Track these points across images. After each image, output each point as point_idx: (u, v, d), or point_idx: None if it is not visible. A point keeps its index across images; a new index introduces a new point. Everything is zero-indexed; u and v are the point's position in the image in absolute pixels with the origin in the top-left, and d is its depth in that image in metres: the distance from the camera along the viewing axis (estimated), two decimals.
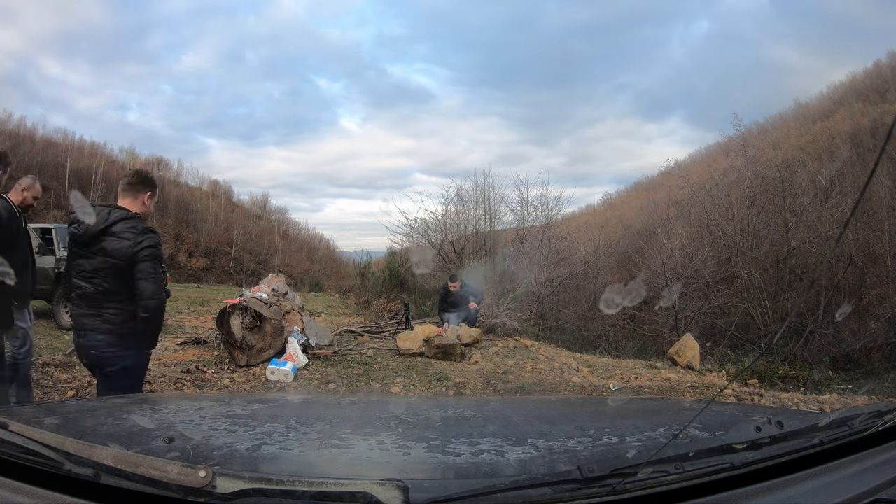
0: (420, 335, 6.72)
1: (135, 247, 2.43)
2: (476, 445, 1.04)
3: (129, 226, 2.47)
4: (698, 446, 0.88)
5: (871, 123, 28.97)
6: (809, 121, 35.29)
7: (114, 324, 2.47)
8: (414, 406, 1.81)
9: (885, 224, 12.51)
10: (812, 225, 13.19)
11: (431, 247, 14.87)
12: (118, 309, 2.47)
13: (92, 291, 2.47)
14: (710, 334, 12.32)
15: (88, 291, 2.48)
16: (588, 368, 6.65)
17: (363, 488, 0.68)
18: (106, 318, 2.47)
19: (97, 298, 2.47)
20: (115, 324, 2.47)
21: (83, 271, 2.50)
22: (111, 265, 2.44)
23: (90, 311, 2.48)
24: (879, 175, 12.27)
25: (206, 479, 0.68)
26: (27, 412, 1.47)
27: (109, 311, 2.47)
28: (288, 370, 5.15)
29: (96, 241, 2.44)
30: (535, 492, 0.74)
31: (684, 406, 2.00)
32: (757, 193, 14.14)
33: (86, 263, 2.49)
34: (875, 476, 0.83)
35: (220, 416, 1.34)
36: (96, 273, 2.46)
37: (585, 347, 10.42)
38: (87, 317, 2.49)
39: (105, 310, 2.47)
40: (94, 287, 2.47)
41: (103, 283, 2.46)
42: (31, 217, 4.16)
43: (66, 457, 0.73)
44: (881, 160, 12.32)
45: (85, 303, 2.49)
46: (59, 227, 9.12)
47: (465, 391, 5.19)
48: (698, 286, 13.52)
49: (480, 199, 16.72)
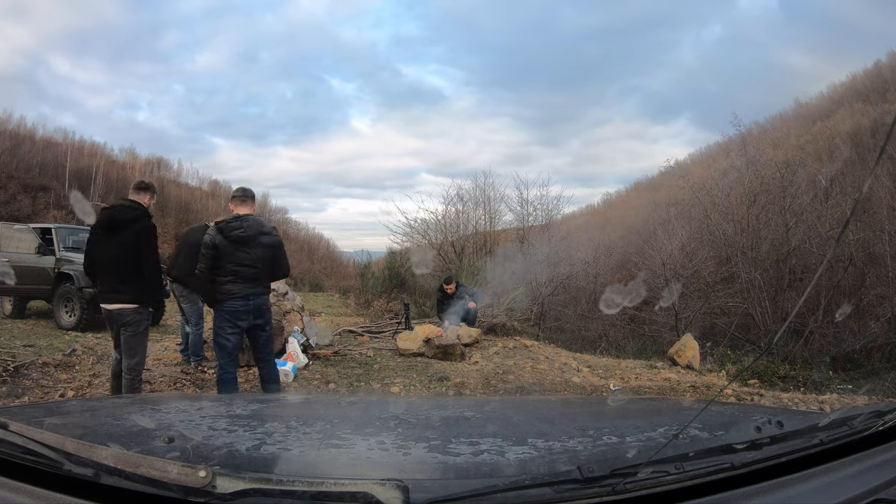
0: (420, 335, 6.71)
1: (279, 241, 3.90)
2: (476, 445, 1.04)
3: (272, 227, 3.90)
4: (698, 446, 0.88)
5: (871, 123, 28.96)
6: (809, 121, 35.26)
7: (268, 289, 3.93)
8: (414, 406, 1.82)
9: (885, 224, 12.50)
10: (812, 225, 13.19)
11: (431, 247, 14.88)
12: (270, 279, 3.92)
13: (255, 273, 3.68)
14: (710, 334, 12.31)
15: (252, 273, 3.67)
16: (588, 368, 6.65)
17: (363, 488, 0.68)
18: (266, 287, 3.85)
19: (258, 276, 3.72)
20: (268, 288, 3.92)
21: (245, 261, 3.66)
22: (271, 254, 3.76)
23: (254, 284, 3.71)
24: (879, 175, 12.27)
25: (206, 479, 0.68)
26: (27, 412, 1.47)
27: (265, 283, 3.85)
28: (288, 370, 5.15)
29: (255, 239, 3.68)
30: (535, 492, 0.74)
31: (684, 406, 2.00)
32: (757, 193, 14.13)
33: (246, 256, 3.65)
34: (875, 476, 0.83)
35: (220, 416, 1.34)
36: (261, 259, 3.70)
37: (585, 347, 10.43)
38: (252, 287, 3.70)
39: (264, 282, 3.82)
40: (257, 268, 3.70)
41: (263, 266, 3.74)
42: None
43: (66, 457, 0.73)
44: (881, 160, 12.32)
45: (245, 280, 3.66)
46: (59, 228, 9.12)
47: (465, 391, 5.19)
48: (698, 286, 13.52)
49: (480, 199, 16.74)
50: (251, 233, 3.65)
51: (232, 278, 3.62)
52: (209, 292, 3.75)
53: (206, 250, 3.65)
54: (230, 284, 3.63)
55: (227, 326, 3.68)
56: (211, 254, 3.62)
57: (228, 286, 3.63)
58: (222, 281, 3.63)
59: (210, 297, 3.77)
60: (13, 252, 8.72)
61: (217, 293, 3.66)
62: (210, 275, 3.66)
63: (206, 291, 3.84)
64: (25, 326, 8.16)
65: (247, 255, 3.63)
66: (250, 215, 3.73)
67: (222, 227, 3.63)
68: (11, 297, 9.17)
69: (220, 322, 3.71)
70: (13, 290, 8.86)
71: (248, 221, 3.67)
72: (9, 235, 9.02)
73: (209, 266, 3.64)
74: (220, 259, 3.61)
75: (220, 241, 3.61)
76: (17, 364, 4.99)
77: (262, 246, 3.68)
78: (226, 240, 3.61)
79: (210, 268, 3.64)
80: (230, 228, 3.62)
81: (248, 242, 3.63)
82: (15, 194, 35.73)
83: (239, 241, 3.62)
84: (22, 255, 8.63)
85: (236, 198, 3.84)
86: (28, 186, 37.16)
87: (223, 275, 3.63)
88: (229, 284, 3.63)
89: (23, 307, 9.22)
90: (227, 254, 3.60)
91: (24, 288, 8.62)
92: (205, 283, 3.72)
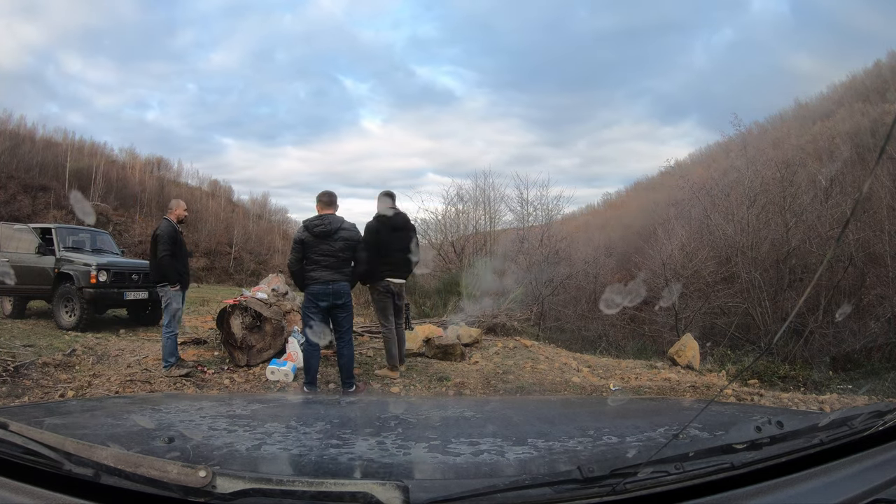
0: (420, 335, 6.71)
1: (358, 236, 4.56)
2: (476, 445, 1.04)
3: (351, 224, 4.56)
4: (698, 446, 0.88)
5: (871, 123, 28.96)
6: (809, 121, 35.25)
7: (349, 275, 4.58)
8: (414, 406, 1.82)
9: (885, 224, 12.50)
10: (812, 225, 13.19)
11: (431, 247, 14.88)
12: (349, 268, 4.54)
13: (335, 261, 4.39)
14: (710, 334, 12.31)
15: (333, 262, 4.39)
16: (588, 368, 6.64)
17: (363, 488, 0.68)
18: (346, 273, 4.51)
19: (340, 264, 4.43)
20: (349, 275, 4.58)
21: (326, 252, 4.38)
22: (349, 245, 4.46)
23: (336, 270, 4.42)
24: (879, 175, 12.27)
25: (206, 479, 0.68)
26: (27, 412, 1.47)
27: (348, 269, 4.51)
28: (288, 370, 5.15)
29: (336, 233, 4.39)
30: (535, 492, 0.74)
31: (684, 406, 2.00)
32: (757, 193, 14.13)
33: (327, 247, 4.37)
34: (875, 476, 0.83)
35: (220, 416, 1.34)
36: (340, 250, 4.41)
37: (585, 347, 10.42)
38: (335, 273, 4.42)
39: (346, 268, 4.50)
40: (338, 258, 4.40)
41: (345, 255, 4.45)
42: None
43: (66, 457, 0.73)
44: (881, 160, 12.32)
45: (329, 268, 4.39)
46: (59, 228, 9.12)
47: (465, 391, 5.18)
48: (698, 286, 13.52)
49: (480, 198, 16.75)
50: (331, 228, 4.40)
51: (315, 267, 4.39)
52: (300, 279, 4.49)
53: (296, 244, 4.48)
54: (314, 272, 4.39)
55: (311, 307, 4.42)
56: (298, 247, 4.43)
57: (312, 273, 4.40)
58: (308, 269, 4.41)
59: (300, 282, 4.53)
60: (13, 252, 8.72)
61: (305, 279, 4.43)
62: (299, 265, 4.43)
63: (296, 279, 4.60)
64: (25, 326, 8.16)
65: (329, 248, 4.39)
66: (331, 214, 4.49)
67: (307, 225, 4.45)
68: (11, 297, 9.17)
69: (306, 303, 4.48)
70: (13, 290, 8.86)
71: (328, 219, 4.44)
72: (9, 235, 9.02)
73: (299, 258, 4.43)
74: (307, 251, 4.40)
75: (306, 237, 4.40)
76: (17, 364, 4.99)
77: (342, 240, 4.43)
78: (311, 235, 4.39)
79: (298, 259, 4.44)
80: (313, 225, 4.42)
81: (329, 237, 4.38)
82: (15, 194, 35.74)
83: (320, 235, 4.39)
84: (22, 255, 8.63)
85: (321, 201, 4.58)
86: (28, 186, 37.17)
87: (309, 264, 4.41)
88: (313, 272, 4.39)
89: (23, 307, 9.22)
90: (311, 246, 4.39)
91: (24, 288, 8.63)
92: (296, 272, 4.49)
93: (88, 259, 8.28)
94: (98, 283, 7.91)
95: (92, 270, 7.92)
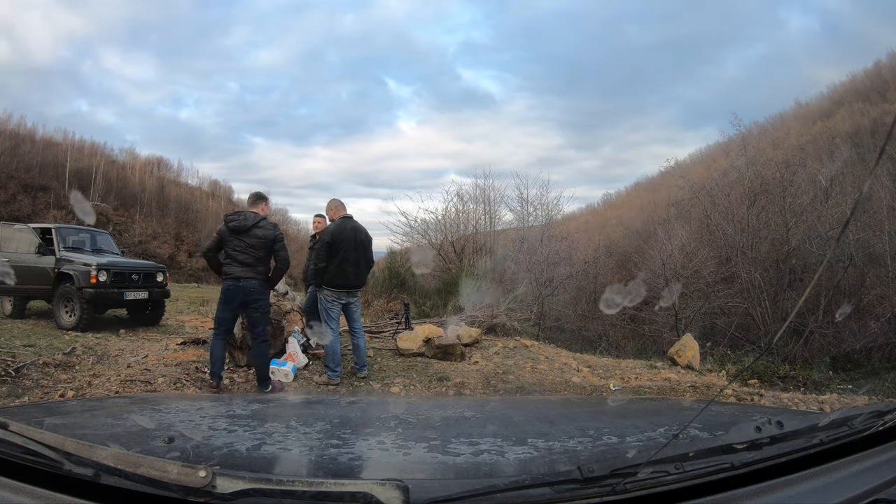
0: (420, 335, 6.71)
1: (273, 235, 4.46)
2: (476, 445, 1.04)
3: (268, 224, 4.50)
4: (698, 446, 0.88)
5: (871, 123, 28.97)
6: (809, 121, 35.26)
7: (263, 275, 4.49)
8: (414, 406, 1.82)
9: (885, 224, 12.49)
10: (812, 225, 13.17)
11: (431, 247, 14.88)
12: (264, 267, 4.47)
13: (248, 258, 4.34)
14: (710, 334, 12.30)
15: (245, 258, 4.33)
16: (588, 368, 6.64)
17: (363, 488, 0.68)
18: (260, 272, 4.44)
19: (253, 262, 4.36)
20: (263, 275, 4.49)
21: (238, 248, 4.34)
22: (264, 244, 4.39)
23: (250, 268, 4.36)
24: (879, 175, 12.26)
25: (206, 479, 0.68)
26: (27, 412, 1.47)
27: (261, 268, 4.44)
28: (288, 370, 5.15)
29: (250, 230, 4.34)
30: (535, 492, 0.74)
31: (684, 406, 2.00)
32: (757, 193, 14.12)
33: (240, 243, 4.33)
34: (875, 476, 0.83)
35: (220, 416, 1.34)
36: (253, 247, 4.35)
37: (585, 347, 10.41)
38: (248, 270, 4.36)
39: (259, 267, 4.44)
40: (250, 255, 4.35)
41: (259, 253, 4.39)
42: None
43: (66, 457, 0.73)
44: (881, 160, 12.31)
45: (242, 264, 4.34)
46: (59, 228, 9.12)
47: (465, 391, 5.18)
48: (698, 286, 13.52)
49: (480, 198, 16.74)
50: (246, 225, 4.38)
51: (229, 262, 4.41)
52: (216, 269, 4.57)
53: (215, 235, 4.50)
54: (227, 267, 4.41)
55: (222, 303, 4.52)
56: (217, 238, 4.46)
57: (226, 268, 4.42)
58: (224, 264, 4.43)
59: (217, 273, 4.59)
60: (13, 252, 8.72)
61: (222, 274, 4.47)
62: (213, 254, 4.49)
63: (212, 268, 4.68)
64: (25, 326, 8.15)
65: (241, 244, 4.38)
66: (251, 212, 4.50)
67: (225, 217, 4.49)
68: (11, 297, 9.17)
69: (220, 298, 4.55)
70: (13, 290, 8.86)
71: (245, 215, 4.44)
72: (9, 235, 9.02)
73: (213, 248, 4.48)
74: (224, 245, 4.42)
75: (223, 229, 4.42)
76: (18, 364, 4.99)
77: (256, 237, 4.40)
78: (227, 228, 4.39)
79: (212, 249, 4.49)
80: (229, 220, 4.44)
81: (243, 232, 4.37)
82: (15, 194, 35.74)
83: (234, 230, 4.38)
84: (22, 255, 8.63)
85: (249, 199, 4.72)
86: (28, 186, 37.17)
87: (225, 258, 4.44)
88: (227, 267, 4.42)
89: (23, 307, 9.22)
90: (227, 241, 4.40)
91: (24, 288, 8.62)
92: (210, 259, 4.57)
93: (88, 259, 8.28)
94: (98, 283, 7.91)
95: (92, 270, 7.93)
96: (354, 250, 5.06)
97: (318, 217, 6.55)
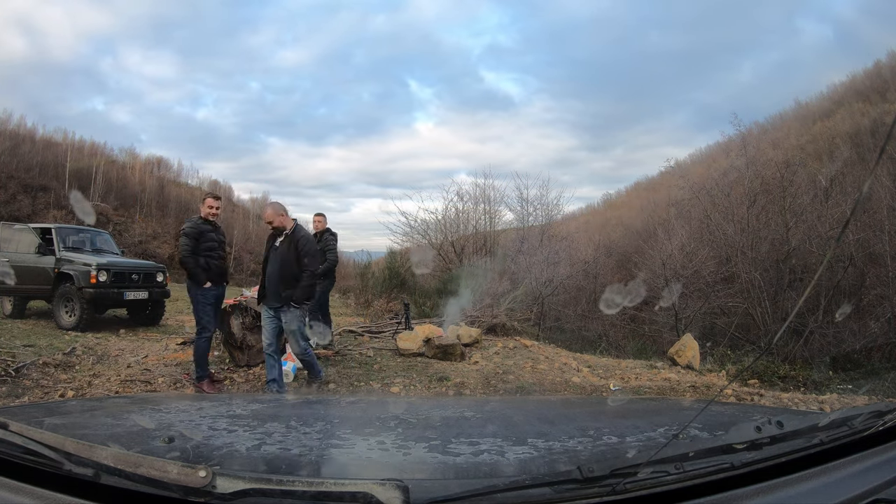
0: (420, 335, 6.71)
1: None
2: (476, 445, 1.04)
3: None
4: (698, 446, 0.88)
5: (871, 123, 28.95)
6: (809, 121, 35.25)
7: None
8: (414, 406, 1.82)
9: (885, 224, 12.48)
10: (812, 225, 13.17)
11: (431, 247, 14.88)
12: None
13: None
14: (710, 334, 12.31)
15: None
16: (588, 368, 6.64)
17: (363, 488, 0.68)
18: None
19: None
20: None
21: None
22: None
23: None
24: (879, 175, 12.25)
25: (206, 479, 0.68)
26: (27, 412, 1.47)
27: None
28: (288, 370, 5.14)
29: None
30: (535, 492, 0.74)
31: (684, 406, 2.00)
32: (757, 193, 14.13)
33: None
34: (875, 476, 0.83)
35: (220, 416, 1.34)
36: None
37: (585, 347, 10.41)
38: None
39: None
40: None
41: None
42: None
43: (66, 457, 0.73)
44: (881, 160, 12.32)
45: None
46: (59, 228, 9.12)
47: (465, 391, 5.18)
48: (698, 286, 13.51)
49: (480, 198, 16.74)
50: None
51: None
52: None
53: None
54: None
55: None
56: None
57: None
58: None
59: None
60: (13, 252, 8.72)
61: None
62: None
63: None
64: (25, 326, 8.16)
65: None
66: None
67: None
68: (11, 297, 9.17)
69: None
70: (13, 290, 8.86)
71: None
72: (9, 235, 9.02)
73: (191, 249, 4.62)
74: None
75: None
76: (18, 364, 4.99)
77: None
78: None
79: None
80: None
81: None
82: (15, 194, 35.72)
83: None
84: (22, 255, 8.63)
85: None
86: (28, 186, 37.14)
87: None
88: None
89: (23, 307, 9.22)
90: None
91: (24, 288, 8.63)
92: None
93: (88, 259, 8.28)
94: (98, 283, 7.91)
95: (92, 270, 7.93)
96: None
97: (318, 216, 6.57)
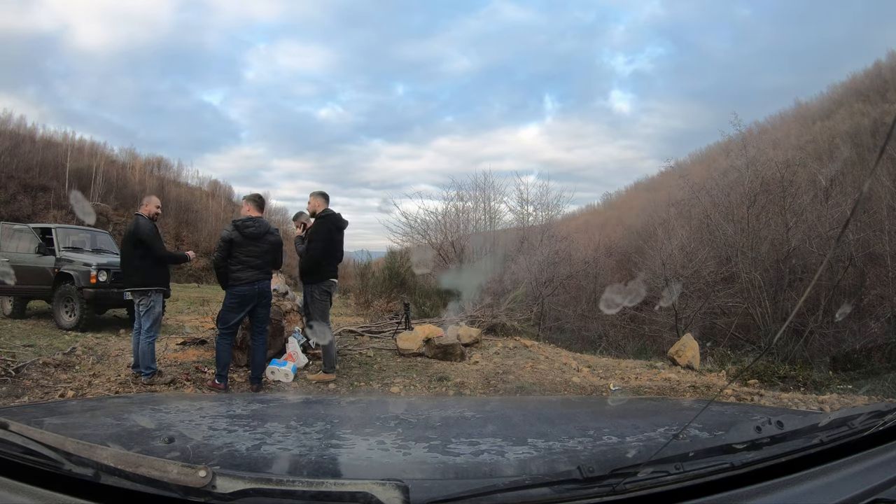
0: (420, 335, 6.71)
1: (280, 240, 4.91)
2: (476, 445, 1.04)
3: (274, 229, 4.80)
4: (698, 446, 0.88)
5: (871, 123, 28.97)
6: (809, 121, 35.26)
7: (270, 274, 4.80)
8: (414, 406, 1.82)
9: (885, 224, 12.50)
10: (812, 225, 13.17)
11: (431, 247, 14.88)
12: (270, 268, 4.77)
13: (262, 262, 4.59)
14: (710, 334, 12.31)
15: (259, 263, 4.57)
16: (588, 368, 6.64)
17: (363, 488, 0.68)
18: (269, 273, 4.73)
19: (264, 265, 4.64)
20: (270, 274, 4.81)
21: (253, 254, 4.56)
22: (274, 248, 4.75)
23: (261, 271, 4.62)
24: (879, 175, 12.26)
25: (206, 479, 0.68)
26: (27, 412, 1.47)
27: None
28: (288, 370, 5.15)
29: (264, 237, 4.63)
30: (535, 492, 0.74)
31: (684, 406, 2.00)
32: (757, 193, 14.12)
33: (255, 249, 4.56)
34: (875, 476, 0.83)
35: (220, 416, 1.34)
36: (266, 252, 4.64)
37: (585, 347, 10.42)
38: (260, 273, 4.61)
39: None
40: (264, 259, 4.62)
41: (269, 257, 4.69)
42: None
43: (66, 457, 0.72)
44: (881, 160, 12.31)
45: (255, 268, 4.55)
46: (59, 228, 9.12)
47: (465, 391, 5.18)
48: (698, 286, 13.52)
49: (480, 199, 16.75)
50: (260, 231, 4.59)
51: (241, 267, 4.52)
52: (224, 277, 4.58)
53: (224, 243, 4.53)
54: (240, 272, 4.51)
55: (235, 306, 4.54)
56: (226, 246, 4.50)
57: (238, 274, 4.51)
58: (234, 269, 4.51)
59: (224, 280, 4.59)
60: (13, 252, 8.72)
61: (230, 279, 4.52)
62: (225, 263, 4.50)
63: (221, 276, 4.65)
64: (25, 326, 8.15)
65: (257, 249, 4.56)
66: (260, 217, 4.70)
67: (238, 226, 4.54)
68: (11, 297, 9.16)
69: (231, 302, 4.56)
70: (13, 290, 8.86)
71: (259, 222, 4.64)
72: (9, 235, 9.02)
73: (225, 256, 4.50)
74: (234, 251, 4.51)
75: (236, 236, 4.51)
76: (18, 364, 4.99)
77: (268, 243, 4.65)
78: (241, 236, 4.52)
79: (224, 257, 4.51)
80: (245, 227, 4.56)
81: (258, 239, 4.56)
82: (15, 194, 35.73)
83: (250, 237, 4.54)
84: (22, 255, 8.63)
85: (255, 202, 4.77)
86: (28, 186, 37.16)
87: (235, 263, 4.51)
88: (240, 272, 4.51)
89: (23, 307, 9.22)
90: (240, 246, 4.51)
91: (24, 288, 8.62)
92: (221, 269, 4.56)
93: (88, 259, 8.28)
94: (98, 283, 7.91)
95: (92, 270, 7.92)
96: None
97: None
